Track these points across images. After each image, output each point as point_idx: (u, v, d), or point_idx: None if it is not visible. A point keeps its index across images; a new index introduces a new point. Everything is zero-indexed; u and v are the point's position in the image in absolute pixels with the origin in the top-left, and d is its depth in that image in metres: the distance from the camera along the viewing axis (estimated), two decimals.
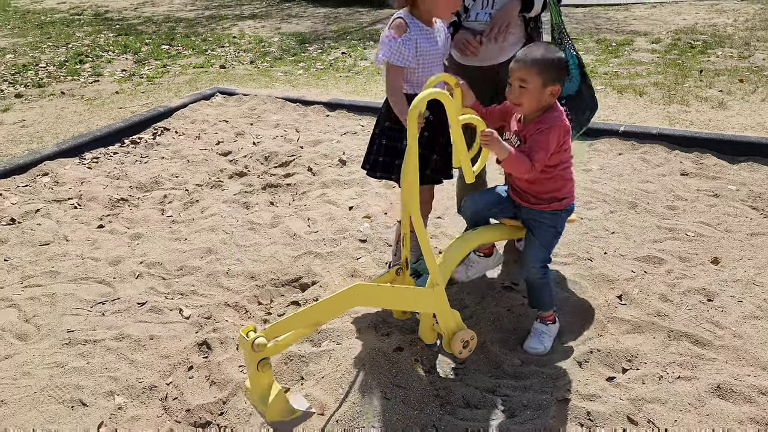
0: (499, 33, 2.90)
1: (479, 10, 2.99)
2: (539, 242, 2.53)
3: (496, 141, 2.25)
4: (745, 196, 3.88)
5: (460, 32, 3.05)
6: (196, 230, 3.73)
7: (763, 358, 2.53)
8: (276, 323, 2.18)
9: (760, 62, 6.57)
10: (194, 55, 8.34)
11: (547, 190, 2.50)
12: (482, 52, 3.02)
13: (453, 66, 3.19)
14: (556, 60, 2.32)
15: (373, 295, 2.32)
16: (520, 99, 2.36)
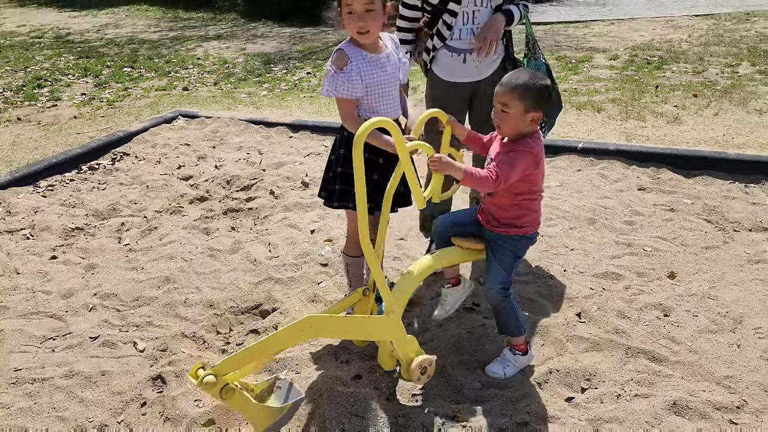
0: (489, 48, 3.00)
1: (461, 27, 3.07)
2: (498, 264, 2.53)
3: (446, 164, 2.24)
4: (699, 209, 3.96)
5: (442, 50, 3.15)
6: (154, 258, 3.66)
7: (718, 373, 2.56)
8: (226, 359, 2.15)
9: (713, 77, 6.75)
10: (157, 78, 8.26)
11: (509, 216, 2.50)
12: (469, 69, 3.13)
13: (439, 84, 3.24)
14: (539, 87, 2.31)
15: (325, 326, 2.29)
16: (500, 122, 2.38)
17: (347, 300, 2.68)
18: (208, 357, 2.84)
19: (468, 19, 3.06)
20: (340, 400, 2.44)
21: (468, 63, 3.12)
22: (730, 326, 2.86)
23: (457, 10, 3.03)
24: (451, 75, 3.18)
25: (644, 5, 12.06)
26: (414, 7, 3.18)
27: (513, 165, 2.32)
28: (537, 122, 2.37)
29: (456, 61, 3.14)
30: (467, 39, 3.08)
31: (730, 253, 3.47)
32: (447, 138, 2.57)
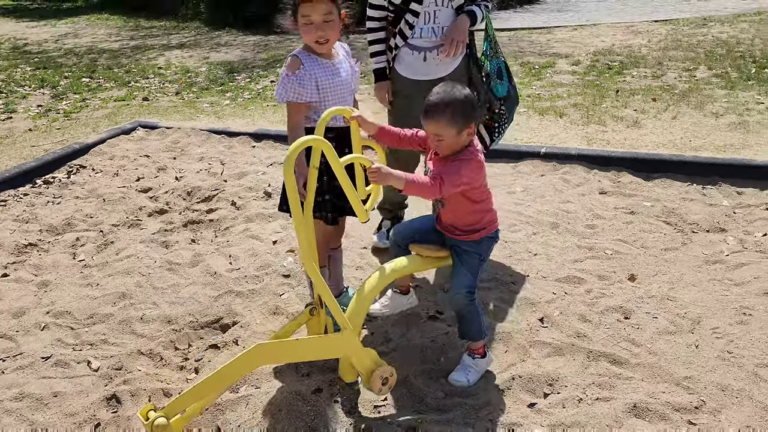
0: (457, 48, 3.12)
1: (423, 26, 3.19)
2: (464, 268, 2.51)
3: (386, 175, 2.17)
4: (659, 212, 4.01)
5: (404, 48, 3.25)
6: (110, 274, 3.56)
7: (677, 374, 2.58)
8: (175, 399, 2.10)
9: (671, 81, 6.88)
10: (116, 88, 8.11)
11: (470, 222, 2.49)
12: (429, 67, 3.24)
13: (402, 82, 3.35)
14: (463, 103, 2.28)
15: (277, 352, 2.25)
16: (439, 149, 2.37)
17: (294, 323, 2.62)
18: (166, 374, 2.77)
19: (429, 19, 3.18)
20: (299, 414, 2.39)
21: (428, 61, 3.23)
22: (689, 327, 2.89)
23: (419, 10, 3.14)
24: (412, 73, 3.29)
25: (605, 11, 12.28)
26: (380, 7, 3.28)
27: (459, 172, 2.30)
28: (473, 133, 2.35)
29: (417, 59, 3.26)
30: (428, 38, 3.20)
31: (688, 255, 3.51)
32: (356, 135, 2.48)
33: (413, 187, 2.25)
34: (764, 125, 5.31)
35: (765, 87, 6.37)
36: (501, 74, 3.41)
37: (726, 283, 3.23)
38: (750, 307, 2.99)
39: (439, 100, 2.28)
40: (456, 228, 2.52)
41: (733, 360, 2.65)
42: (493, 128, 3.43)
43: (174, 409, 2.09)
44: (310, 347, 2.31)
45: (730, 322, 2.91)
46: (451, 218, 2.51)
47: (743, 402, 2.43)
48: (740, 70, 7.04)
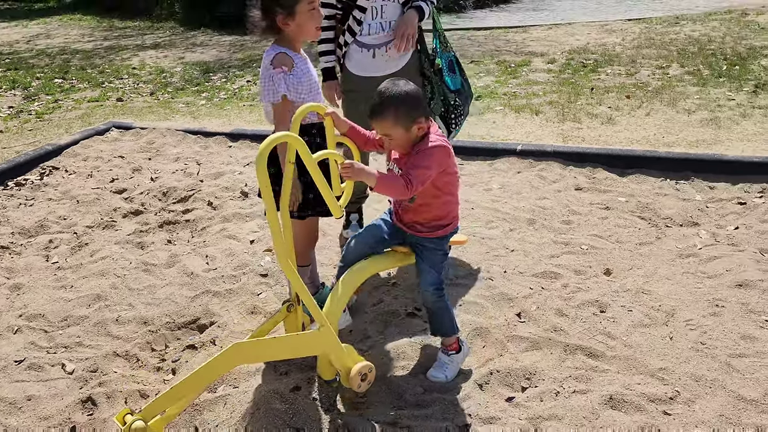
0: (407, 42, 3.16)
1: (371, 22, 3.22)
2: (428, 265, 2.51)
3: (358, 171, 2.15)
4: (633, 207, 4.06)
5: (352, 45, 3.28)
6: (84, 276, 3.51)
7: (652, 365, 2.61)
8: (152, 402, 2.08)
9: (645, 78, 6.98)
10: (89, 89, 8.00)
11: (437, 216, 2.47)
12: (379, 63, 3.27)
13: (352, 79, 3.37)
14: (404, 99, 2.25)
15: (255, 351, 2.23)
16: (392, 148, 2.36)
17: (271, 321, 2.61)
18: (142, 376, 2.74)
19: (377, 14, 3.22)
20: (278, 413, 2.38)
21: (377, 57, 3.28)
22: (663, 319, 2.93)
23: (366, 6, 3.18)
24: (362, 70, 3.32)
25: (580, 10, 12.41)
26: (328, 5, 3.28)
27: (428, 165, 2.27)
28: (425, 126, 2.33)
29: (366, 56, 3.28)
30: (377, 34, 3.24)
31: (662, 249, 3.56)
32: (331, 131, 2.46)
33: (384, 185, 2.22)
34: (735, 121, 5.40)
35: (736, 84, 6.49)
36: (453, 68, 3.48)
37: (699, 276, 3.28)
38: (722, 299, 3.04)
39: (380, 100, 2.26)
40: (421, 225, 2.49)
41: (707, 351, 2.69)
42: (450, 121, 3.46)
43: (151, 412, 2.07)
44: (288, 345, 2.30)
45: (703, 314, 2.95)
46: (419, 214, 2.47)
47: (716, 392, 2.47)
48: (711, 68, 7.16)
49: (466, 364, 2.69)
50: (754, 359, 2.63)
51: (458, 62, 3.50)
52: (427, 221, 2.48)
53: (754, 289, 3.09)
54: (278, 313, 2.58)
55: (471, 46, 9.41)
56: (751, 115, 5.51)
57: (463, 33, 10.58)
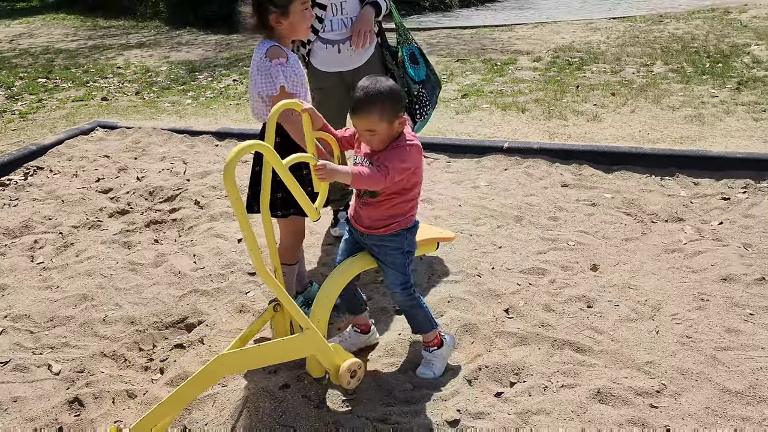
0: (364, 38, 3.22)
1: (332, 18, 3.29)
2: (392, 267, 2.48)
3: (332, 171, 2.13)
4: (619, 203, 4.09)
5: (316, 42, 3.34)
6: (70, 276, 3.48)
7: (639, 359, 2.63)
8: (142, 419, 2.08)
9: (629, 76, 7.03)
10: (74, 88, 7.92)
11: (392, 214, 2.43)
12: (344, 59, 3.33)
13: (319, 75, 3.43)
14: (388, 95, 2.26)
15: (241, 361, 2.23)
16: (371, 144, 2.33)
17: (258, 322, 2.59)
18: (130, 376, 2.72)
19: (337, 11, 3.28)
20: (267, 411, 2.38)
21: (343, 53, 3.34)
22: (649, 314, 2.95)
23: (326, 2, 3.24)
24: (328, 66, 3.39)
25: (565, 9, 12.47)
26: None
27: (402, 158, 2.26)
28: (404, 123, 2.34)
29: (331, 52, 3.35)
30: (339, 30, 3.31)
31: (648, 244, 3.60)
32: (308, 128, 2.44)
33: (360, 180, 2.20)
34: (718, 117, 5.46)
35: (719, 81, 6.56)
36: (415, 59, 3.51)
37: (684, 270, 3.32)
38: (707, 293, 3.08)
39: (365, 96, 2.25)
40: (379, 221, 2.44)
41: (692, 344, 2.72)
42: (414, 112, 3.48)
43: (142, 428, 2.08)
44: (273, 352, 2.29)
45: (689, 308, 2.98)
46: (378, 211, 2.43)
47: (702, 384, 2.49)
48: (695, 65, 7.23)
49: (455, 360, 2.70)
50: (739, 352, 2.66)
51: (422, 53, 3.54)
52: (384, 218, 2.43)
53: (739, 283, 3.13)
54: (265, 313, 2.58)
55: (457, 45, 9.43)
56: (734, 112, 5.58)
57: (449, 32, 10.60)
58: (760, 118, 5.37)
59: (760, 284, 3.10)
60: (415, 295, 2.52)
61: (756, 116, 5.42)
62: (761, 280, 3.12)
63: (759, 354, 2.64)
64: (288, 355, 2.36)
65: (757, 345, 2.69)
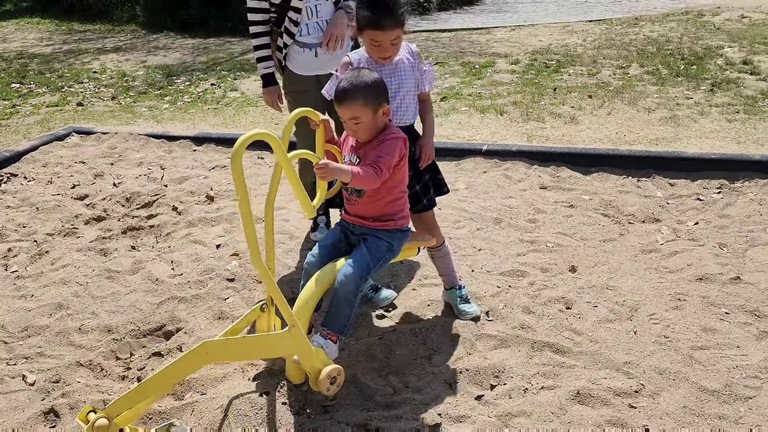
0: (336, 42, 3.24)
1: (307, 22, 3.31)
2: (368, 251, 2.44)
3: (333, 170, 2.23)
4: (597, 204, 4.13)
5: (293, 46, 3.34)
6: (45, 285, 3.43)
7: (617, 359, 2.66)
8: (118, 399, 2.04)
9: (606, 78, 7.11)
10: (48, 93, 7.81)
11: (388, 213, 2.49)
12: (321, 62, 3.34)
13: (296, 79, 3.44)
14: (373, 83, 2.35)
15: (223, 350, 2.21)
16: (356, 134, 2.41)
17: (242, 320, 2.58)
18: (107, 385, 2.68)
19: (312, 14, 3.30)
20: (247, 419, 2.36)
21: (320, 56, 3.37)
22: (627, 314, 2.98)
23: (300, 6, 3.26)
24: (305, 69, 3.40)
25: (542, 12, 12.58)
26: (261, 10, 3.35)
27: (392, 152, 2.36)
28: (388, 114, 2.43)
29: (308, 55, 3.37)
30: (315, 34, 3.33)
31: (625, 245, 3.63)
32: (321, 138, 2.57)
33: (358, 178, 2.29)
34: (693, 119, 5.54)
35: (693, 83, 6.66)
36: None
37: (661, 270, 3.35)
38: (684, 293, 3.12)
39: (349, 85, 2.34)
40: (370, 218, 2.51)
41: (670, 344, 2.75)
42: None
43: (116, 410, 2.05)
44: (258, 345, 2.29)
45: (666, 308, 3.02)
46: (367, 210, 2.50)
47: (680, 384, 2.52)
48: (670, 67, 7.33)
49: (436, 363, 2.70)
50: (715, 351, 2.69)
51: None
52: (375, 216, 2.51)
53: (714, 283, 3.17)
54: (251, 312, 2.57)
55: (435, 48, 9.46)
56: (709, 113, 5.66)
57: (427, 35, 10.63)
58: (734, 120, 5.46)
59: (735, 284, 3.15)
60: (359, 293, 2.42)
61: (729, 117, 5.51)
62: (736, 280, 3.17)
63: (734, 353, 2.68)
64: (271, 351, 2.36)
65: (732, 344, 2.73)
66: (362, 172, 2.29)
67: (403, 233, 2.55)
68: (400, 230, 2.53)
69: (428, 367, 2.69)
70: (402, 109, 2.69)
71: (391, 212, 2.50)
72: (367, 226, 2.52)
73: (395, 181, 2.46)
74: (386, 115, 2.41)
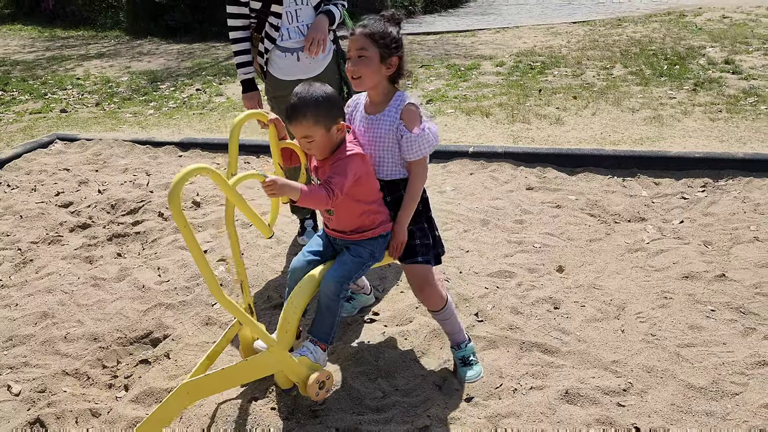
0: (318, 46, 3.22)
1: (288, 26, 3.29)
2: (350, 258, 2.44)
3: (281, 186, 2.14)
4: (583, 204, 4.15)
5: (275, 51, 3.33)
6: (30, 293, 3.39)
7: (605, 358, 2.67)
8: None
9: (590, 79, 7.16)
10: (32, 100, 7.74)
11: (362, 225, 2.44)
12: (304, 66, 3.33)
13: (278, 84, 3.40)
14: (322, 101, 2.25)
15: (206, 386, 2.21)
16: (313, 152, 2.34)
17: (223, 339, 2.53)
18: (93, 394, 2.65)
19: (293, 19, 3.29)
20: (236, 425, 2.34)
21: (302, 60, 3.34)
22: (615, 313, 3.00)
23: (281, 11, 3.25)
24: (287, 74, 3.37)
25: (526, 14, 12.66)
26: (241, 16, 3.34)
27: (344, 173, 2.25)
28: (344, 130, 2.34)
29: (290, 60, 3.35)
30: (296, 38, 3.31)
31: (611, 244, 3.65)
32: (274, 137, 2.46)
33: (307, 197, 2.20)
34: (677, 118, 5.59)
35: (676, 82, 6.72)
36: None
37: (647, 269, 3.38)
38: (670, 291, 3.14)
39: (299, 102, 2.24)
40: (348, 231, 2.46)
41: (657, 342, 2.77)
42: None
43: None
44: (239, 373, 2.28)
45: (653, 306, 3.04)
46: (341, 224, 2.46)
47: (667, 381, 2.54)
48: (653, 68, 7.40)
49: (426, 366, 2.70)
50: (702, 348, 2.71)
51: None
52: (352, 229, 2.45)
53: (700, 281, 3.20)
54: (230, 329, 2.53)
55: (421, 51, 9.49)
56: (692, 113, 5.71)
57: (413, 38, 10.66)
58: (717, 118, 5.51)
59: (720, 281, 3.18)
60: (341, 299, 2.41)
61: (712, 116, 5.57)
62: (721, 277, 3.20)
63: (721, 350, 2.70)
64: (254, 375, 2.34)
65: (718, 341, 2.75)
66: (311, 192, 2.20)
67: (384, 238, 2.49)
68: (381, 236, 2.47)
69: (417, 370, 2.68)
70: (377, 163, 2.45)
71: (367, 223, 2.43)
72: (347, 239, 2.47)
73: (360, 194, 2.37)
74: (341, 132, 2.31)
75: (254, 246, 3.78)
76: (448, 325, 2.63)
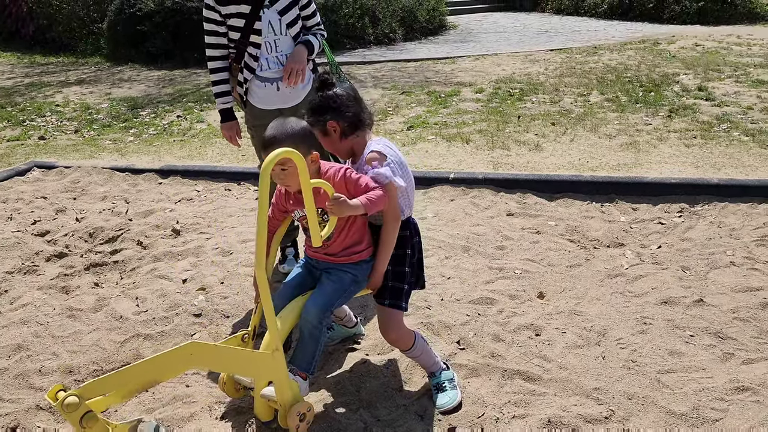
0: (296, 76, 3.25)
1: (267, 56, 3.32)
2: (332, 284, 2.45)
3: (343, 204, 2.27)
4: (563, 230, 4.18)
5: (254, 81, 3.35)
6: (4, 325, 3.31)
7: (587, 385, 2.67)
8: (92, 381, 2.02)
9: (568, 106, 7.27)
10: (9, 127, 7.67)
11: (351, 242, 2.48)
12: (283, 96, 3.38)
13: (258, 113, 3.41)
14: (300, 130, 2.34)
15: (208, 355, 2.21)
16: (286, 181, 2.35)
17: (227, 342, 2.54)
18: (68, 429, 2.59)
19: (271, 49, 3.32)
20: None
21: (282, 90, 3.38)
22: (595, 340, 3.01)
23: (259, 41, 3.28)
24: (267, 103, 3.41)
25: (505, 42, 12.87)
26: (220, 46, 3.37)
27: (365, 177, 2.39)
28: (317, 160, 2.39)
29: (270, 90, 3.38)
30: (275, 68, 3.34)
31: (591, 270, 3.68)
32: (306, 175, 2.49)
33: (372, 204, 2.32)
34: (652, 144, 5.69)
35: (652, 109, 6.85)
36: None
37: (627, 295, 3.40)
38: (649, 317, 3.16)
39: (276, 133, 2.32)
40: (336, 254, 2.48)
41: (637, 368, 2.78)
42: None
43: (89, 392, 2.02)
44: (241, 359, 2.29)
45: (633, 332, 3.05)
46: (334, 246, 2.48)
47: (648, 408, 2.54)
48: (629, 94, 7.54)
49: (407, 396, 2.68)
50: (682, 374, 2.73)
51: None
52: (344, 248, 2.48)
53: (678, 306, 3.23)
54: (232, 338, 2.54)
55: (401, 78, 9.58)
56: (667, 139, 5.82)
57: (393, 64, 10.77)
58: (691, 144, 5.62)
59: (699, 306, 3.21)
60: (323, 327, 2.41)
61: (687, 142, 5.67)
62: (699, 302, 3.23)
63: (701, 375, 2.72)
64: (252, 369, 2.34)
65: (698, 366, 2.77)
66: (371, 197, 2.32)
67: (368, 263, 2.52)
68: (364, 261, 2.51)
69: (399, 399, 2.66)
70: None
71: (355, 240, 2.48)
72: (332, 262, 2.51)
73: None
74: (315, 163, 2.38)
75: (234, 275, 3.75)
76: (421, 360, 2.67)
